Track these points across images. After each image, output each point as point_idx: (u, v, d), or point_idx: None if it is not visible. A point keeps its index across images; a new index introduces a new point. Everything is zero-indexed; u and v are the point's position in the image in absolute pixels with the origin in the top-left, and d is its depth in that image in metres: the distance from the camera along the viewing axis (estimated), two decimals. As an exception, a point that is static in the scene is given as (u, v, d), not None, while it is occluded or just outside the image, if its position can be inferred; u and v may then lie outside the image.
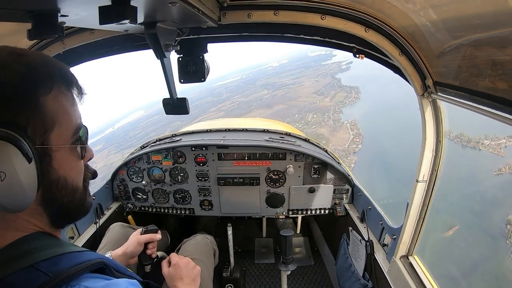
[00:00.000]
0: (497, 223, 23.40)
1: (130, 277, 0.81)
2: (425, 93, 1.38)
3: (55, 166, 0.68)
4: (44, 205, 0.69)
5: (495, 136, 35.63)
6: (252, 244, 3.52)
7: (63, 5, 0.67)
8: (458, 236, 22.32)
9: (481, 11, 0.84)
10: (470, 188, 26.53)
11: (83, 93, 0.75)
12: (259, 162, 2.71)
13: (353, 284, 2.22)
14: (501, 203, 24.98)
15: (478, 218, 23.86)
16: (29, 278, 0.59)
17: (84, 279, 0.64)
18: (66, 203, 0.72)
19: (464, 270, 19.18)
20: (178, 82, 1.51)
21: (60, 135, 0.69)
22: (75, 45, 1.43)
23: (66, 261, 0.64)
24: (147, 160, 2.79)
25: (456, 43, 1.04)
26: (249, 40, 1.57)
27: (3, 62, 0.62)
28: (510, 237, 22.27)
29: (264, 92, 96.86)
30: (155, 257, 1.68)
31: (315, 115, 71.13)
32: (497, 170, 31.07)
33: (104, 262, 0.71)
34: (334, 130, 59.16)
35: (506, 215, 23.66)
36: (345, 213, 2.62)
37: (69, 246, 0.71)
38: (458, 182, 25.18)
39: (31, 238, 0.66)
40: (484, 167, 31.91)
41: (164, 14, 0.97)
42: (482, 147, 35.77)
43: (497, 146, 35.08)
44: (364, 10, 1.22)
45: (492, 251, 21.47)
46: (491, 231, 23.18)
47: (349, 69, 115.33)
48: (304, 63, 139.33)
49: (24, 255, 0.61)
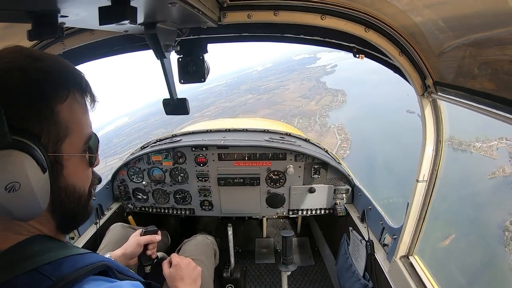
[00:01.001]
0: (494, 230, 22.79)
1: (132, 278, 0.80)
2: (425, 93, 1.38)
3: (65, 174, 0.68)
4: (52, 211, 0.69)
5: (486, 138, 34.80)
6: (253, 244, 3.52)
7: (63, 5, 0.67)
8: (455, 246, 21.67)
9: (481, 10, 0.84)
10: (463, 192, 25.56)
11: (95, 100, 0.75)
12: (259, 162, 2.71)
13: (354, 284, 2.22)
14: (497, 208, 24.26)
15: (475, 225, 23.02)
16: (32, 282, 0.58)
17: (88, 282, 0.63)
18: (72, 208, 0.72)
19: (463, 282, 18.60)
20: (178, 82, 1.51)
21: (72, 144, 0.69)
22: (75, 45, 1.43)
23: (69, 265, 0.64)
24: (147, 160, 2.79)
25: (456, 42, 1.04)
26: (249, 40, 1.57)
27: (19, 67, 0.61)
28: (508, 244, 21.47)
29: (249, 97, 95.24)
30: (155, 257, 1.68)
31: (301, 119, 70.63)
32: (491, 174, 30.05)
33: (107, 264, 0.71)
34: (321, 135, 58.57)
35: (503, 221, 22.94)
36: (346, 213, 2.62)
37: (72, 248, 0.70)
38: (452, 187, 24.45)
39: (34, 241, 0.65)
40: (477, 171, 30.85)
41: (164, 14, 0.97)
42: (474, 149, 34.97)
43: (489, 148, 34.28)
44: (364, 10, 1.22)
45: (490, 261, 20.71)
46: (489, 238, 22.46)
47: (334, 72, 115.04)
48: (288, 67, 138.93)
49: (27, 258, 0.61)
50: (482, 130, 34.17)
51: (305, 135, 3.33)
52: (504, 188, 27.69)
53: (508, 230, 22.39)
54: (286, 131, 3.12)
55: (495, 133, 33.48)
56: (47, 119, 0.63)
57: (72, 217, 0.74)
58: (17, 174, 0.57)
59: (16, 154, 0.57)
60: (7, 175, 0.56)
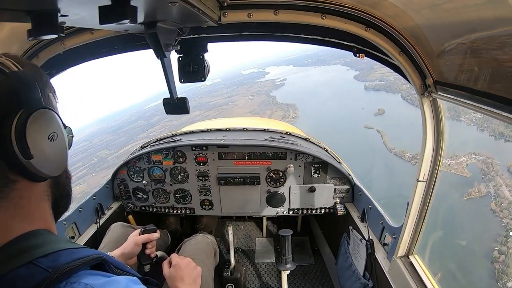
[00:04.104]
0: (481, 262, 19.80)
1: (129, 273, 0.81)
2: (425, 93, 1.38)
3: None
4: (52, 187, 0.75)
5: (455, 154, 32.48)
6: (253, 243, 3.52)
7: (63, 5, 0.67)
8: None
9: (481, 10, 0.84)
10: (440, 220, 20.90)
11: (57, 101, 0.83)
12: (260, 162, 2.71)
13: (354, 284, 2.23)
14: (480, 234, 21.70)
15: (462, 261, 19.32)
16: (29, 274, 0.59)
17: (84, 276, 0.64)
18: (65, 185, 0.81)
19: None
20: (178, 82, 1.51)
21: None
22: (75, 45, 1.43)
23: (65, 257, 0.65)
24: (148, 159, 2.79)
25: (456, 42, 1.04)
26: (249, 39, 1.57)
27: (21, 60, 0.69)
28: (501, 278, 18.69)
29: (196, 113, 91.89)
30: (154, 256, 1.68)
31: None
32: (466, 195, 27.44)
33: (102, 257, 0.72)
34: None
35: (490, 251, 20.17)
36: (346, 213, 2.62)
37: (68, 243, 0.72)
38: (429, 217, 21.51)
39: (31, 235, 0.66)
40: (452, 193, 27.10)
41: (164, 13, 0.97)
42: (443, 168, 32.78)
43: (459, 165, 31.91)
44: (364, 9, 1.21)
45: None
46: (478, 273, 19.45)
47: (283, 85, 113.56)
48: (237, 81, 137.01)
49: (24, 252, 0.62)
50: (449, 145, 32.91)
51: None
52: (483, 209, 25.54)
53: (497, 261, 19.68)
54: (286, 130, 3.12)
55: (463, 148, 31.62)
56: (47, 99, 0.73)
57: (64, 196, 0.81)
58: (55, 126, 0.70)
59: (50, 112, 0.69)
60: (49, 127, 0.68)
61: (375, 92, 77.03)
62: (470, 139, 37.62)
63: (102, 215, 2.64)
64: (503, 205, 25.68)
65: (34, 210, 0.70)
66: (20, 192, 0.66)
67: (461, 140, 35.95)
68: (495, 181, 29.11)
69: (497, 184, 28.68)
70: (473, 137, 38.14)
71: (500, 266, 19.33)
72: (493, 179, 29.44)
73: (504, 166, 30.49)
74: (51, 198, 0.75)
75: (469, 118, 37.88)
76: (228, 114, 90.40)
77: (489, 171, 30.48)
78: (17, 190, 0.65)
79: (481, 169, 31.25)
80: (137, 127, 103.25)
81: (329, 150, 2.99)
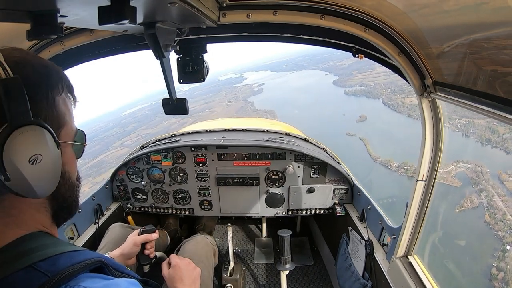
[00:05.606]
0: (481, 281, 18.07)
1: (129, 275, 0.80)
2: (425, 93, 1.38)
3: (63, 160, 0.72)
4: (51, 198, 0.72)
5: (442, 162, 30.87)
6: (252, 244, 3.52)
7: (62, 5, 0.67)
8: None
9: (480, 10, 0.84)
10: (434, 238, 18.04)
11: (76, 100, 0.81)
12: (259, 162, 2.71)
13: (353, 284, 2.22)
14: (477, 250, 19.98)
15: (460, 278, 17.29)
16: (28, 278, 0.59)
17: (83, 279, 0.63)
18: (67, 198, 0.77)
19: None
20: (178, 82, 1.51)
21: (67, 134, 0.74)
22: (75, 45, 1.43)
23: (65, 261, 0.64)
24: (147, 160, 2.78)
25: (455, 42, 1.04)
26: (249, 40, 1.57)
27: (25, 60, 0.66)
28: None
29: (173, 121, 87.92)
30: (153, 257, 1.68)
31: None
32: (458, 206, 25.22)
33: (102, 261, 0.71)
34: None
35: (489, 268, 18.39)
36: (345, 213, 2.62)
37: (67, 245, 0.71)
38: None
39: (29, 238, 0.66)
40: (443, 205, 24.68)
41: (164, 14, 0.97)
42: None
43: (448, 174, 29.44)
44: (363, 10, 1.22)
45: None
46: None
47: (261, 91, 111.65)
48: (214, 87, 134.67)
49: (23, 255, 0.61)
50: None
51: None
52: (477, 221, 23.75)
53: (496, 279, 17.92)
54: (285, 131, 3.12)
55: (449, 156, 29.45)
56: (50, 107, 0.68)
57: (66, 206, 0.78)
58: (40, 147, 0.62)
59: (38, 129, 0.62)
60: (31, 148, 0.61)
61: (356, 97, 75.58)
62: (457, 146, 35.91)
63: (101, 216, 2.63)
64: (497, 216, 24.17)
65: (28, 219, 0.69)
66: (10, 203, 0.66)
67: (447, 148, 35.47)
68: (486, 191, 27.53)
69: (489, 194, 27.09)
70: (460, 143, 36.49)
71: (500, 285, 18.02)
72: (485, 188, 27.86)
73: (494, 175, 29.16)
74: (50, 209, 0.74)
75: (453, 124, 36.44)
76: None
77: (479, 180, 28.91)
78: (7, 201, 0.65)
79: (471, 178, 29.75)
80: (113, 135, 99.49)
81: (328, 150, 2.99)
